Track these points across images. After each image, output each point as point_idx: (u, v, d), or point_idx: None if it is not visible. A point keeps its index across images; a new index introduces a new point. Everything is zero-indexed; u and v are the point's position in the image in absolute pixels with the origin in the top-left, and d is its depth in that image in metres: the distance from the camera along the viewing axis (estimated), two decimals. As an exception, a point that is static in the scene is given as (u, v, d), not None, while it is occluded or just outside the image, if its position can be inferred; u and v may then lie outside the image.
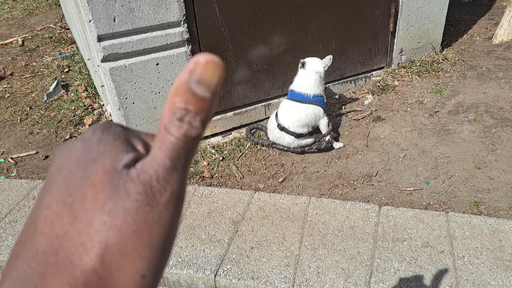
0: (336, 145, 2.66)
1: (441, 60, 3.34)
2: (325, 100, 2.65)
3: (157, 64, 2.42)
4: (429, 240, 1.89)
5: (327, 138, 2.62)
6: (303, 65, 2.61)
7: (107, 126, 0.27)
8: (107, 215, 0.23)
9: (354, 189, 2.34)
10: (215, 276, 1.82)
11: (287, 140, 2.59)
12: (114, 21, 2.20)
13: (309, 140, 2.63)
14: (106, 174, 0.24)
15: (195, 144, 0.26)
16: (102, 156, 0.25)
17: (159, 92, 2.51)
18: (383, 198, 2.25)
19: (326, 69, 2.63)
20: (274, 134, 2.65)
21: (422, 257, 1.82)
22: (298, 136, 2.58)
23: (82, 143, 0.26)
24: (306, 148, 2.61)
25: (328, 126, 2.64)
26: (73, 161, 0.26)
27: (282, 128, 2.59)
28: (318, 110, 2.59)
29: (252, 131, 2.85)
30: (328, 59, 2.63)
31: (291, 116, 2.57)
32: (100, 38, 2.21)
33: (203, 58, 0.24)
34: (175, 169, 0.25)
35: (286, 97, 2.68)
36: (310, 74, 2.57)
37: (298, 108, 2.56)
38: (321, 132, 2.67)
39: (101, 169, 0.24)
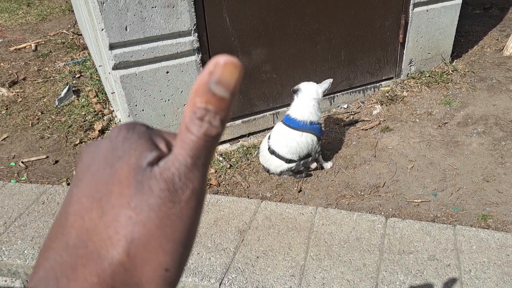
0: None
1: (450, 71, 3.33)
2: (322, 127, 2.52)
3: (167, 72, 2.45)
4: (435, 253, 1.88)
5: (313, 165, 2.56)
6: (295, 92, 2.46)
7: (132, 126, 0.28)
8: (132, 211, 0.25)
9: (362, 199, 2.33)
10: (220, 285, 1.83)
11: (275, 163, 2.47)
12: (126, 30, 2.23)
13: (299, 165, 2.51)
14: (131, 172, 0.25)
15: (215, 143, 0.27)
16: (128, 154, 0.26)
17: (169, 100, 2.54)
18: (390, 209, 2.25)
19: (325, 92, 2.48)
20: (263, 156, 2.53)
21: (428, 271, 1.80)
22: (288, 161, 2.45)
23: (109, 142, 0.27)
24: (296, 174, 2.52)
25: (317, 154, 2.52)
26: (100, 158, 0.27)
27: (272, 152, 2.46)
28: (312, 139, 2.43)
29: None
30: (328, 83, 2.45)
31: (282, 141, 2.43)
32: (111, 46, 2.24)
33: (222, 59, 0.25)
34: (196, 167, 0.26)
35: (282, 120, 2.52)
36: (306, 101, 2.41)
37: (291, 136, 2.41)
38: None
39: (126, 166, 0.26)
